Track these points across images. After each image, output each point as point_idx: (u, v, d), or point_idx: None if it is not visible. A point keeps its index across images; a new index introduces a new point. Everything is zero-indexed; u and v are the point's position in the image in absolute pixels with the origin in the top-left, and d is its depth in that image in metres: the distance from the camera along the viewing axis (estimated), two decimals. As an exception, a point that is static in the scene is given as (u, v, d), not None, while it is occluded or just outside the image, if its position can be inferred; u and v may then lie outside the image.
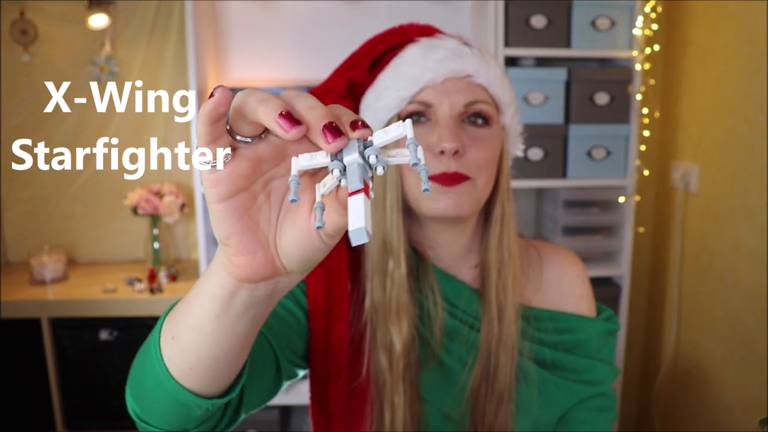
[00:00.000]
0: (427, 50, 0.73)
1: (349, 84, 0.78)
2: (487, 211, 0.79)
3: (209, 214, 0.43)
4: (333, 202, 0.40)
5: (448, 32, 0.79)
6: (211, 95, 0.39)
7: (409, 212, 0.77)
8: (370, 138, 0.39)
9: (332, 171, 0.39)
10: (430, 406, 0.76)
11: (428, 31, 0.78)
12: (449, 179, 0.71)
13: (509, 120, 0.77)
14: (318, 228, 0.38)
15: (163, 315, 0.55)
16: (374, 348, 0.75)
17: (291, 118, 0.38)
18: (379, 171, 0.38)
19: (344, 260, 0.77)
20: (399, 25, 0.80)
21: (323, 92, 0.78)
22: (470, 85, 0.73)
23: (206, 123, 0.39)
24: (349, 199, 0.38)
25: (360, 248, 0.78)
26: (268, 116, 0.39)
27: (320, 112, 0.39)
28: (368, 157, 0.39)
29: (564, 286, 0.83)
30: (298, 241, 0.42)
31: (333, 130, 0.38)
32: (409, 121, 0.40)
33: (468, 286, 0.79)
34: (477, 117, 0.73)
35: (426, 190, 0.37)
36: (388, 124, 0.74)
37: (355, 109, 0.80)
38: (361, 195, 0.38)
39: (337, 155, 0.39)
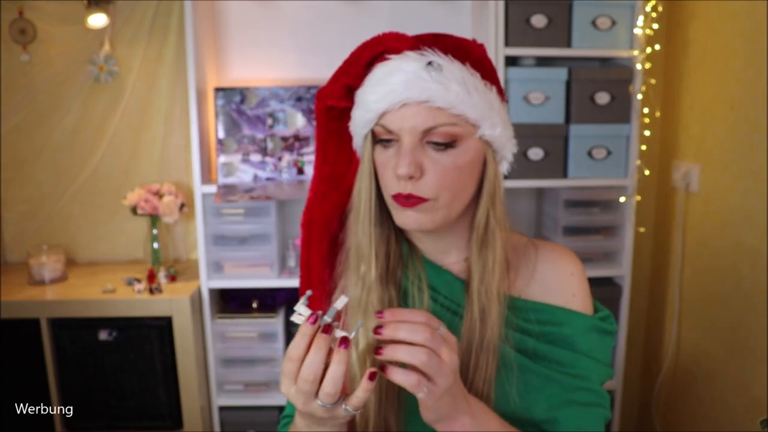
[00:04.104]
0: (387, 75, 0.74)
1: (345, 88, 0.80)
2: (473, 215, 0.81)
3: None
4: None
5: (425, 36, 0.77)
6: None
7: None
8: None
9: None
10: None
11: (402, 44, 0.77)
12: (405, 201, 0.74)
13: (488, 131, 0.76)
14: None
15: None
16: None
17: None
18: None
19: (324, 246, 0.84)
20: (380, 34, 0.79)
21: (325, 95, 0.82)
22: (429, 109, 0.73)
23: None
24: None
25: (343, 237, 0.84)
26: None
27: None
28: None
29: (556, 283, 0.83)
30: None
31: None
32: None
33: (454, 276, 0.82)
34: (438, 140, 0.74)
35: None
36: (365, 138, 0.79)
37: None
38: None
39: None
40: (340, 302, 0.64)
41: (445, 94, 0.72)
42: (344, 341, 0.62)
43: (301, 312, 0.64)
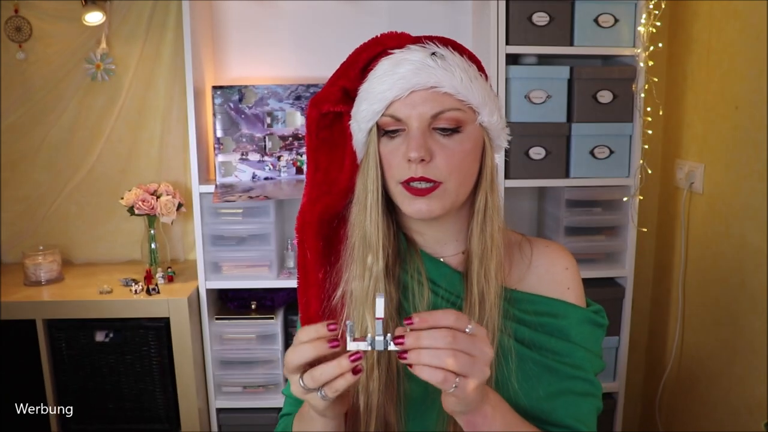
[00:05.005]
0: (394, 66, 0.78)
1: (342, 92, 0.83)
2: (472, 202, 0.84)
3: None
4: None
5: (424, 36, 0.81)
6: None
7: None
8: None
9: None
10: (415, 384, 0.79)
11: (402, 41, 0.82)
12: (418, 189, 0.77)
13: (487, 118, 0.80)
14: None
15: None
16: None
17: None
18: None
19: (318, 246, 0.85)
20: (378, 35, 0.84)
21: (321, 100, 0.84)
22: (436, 95, 0.76)
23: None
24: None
25: (338, 237, 0.85)
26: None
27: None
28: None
29: (551, 277, 0.87)
30: None
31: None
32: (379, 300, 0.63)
33: (452, 269, 0.85)
34: (445, 126, 0.78)
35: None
36: (369, 131, 0.80)
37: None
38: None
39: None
40: (379, 309, 0.64)
41: (452, 79, 0.77)
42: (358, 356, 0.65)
43: (354, 347, 0.65)
